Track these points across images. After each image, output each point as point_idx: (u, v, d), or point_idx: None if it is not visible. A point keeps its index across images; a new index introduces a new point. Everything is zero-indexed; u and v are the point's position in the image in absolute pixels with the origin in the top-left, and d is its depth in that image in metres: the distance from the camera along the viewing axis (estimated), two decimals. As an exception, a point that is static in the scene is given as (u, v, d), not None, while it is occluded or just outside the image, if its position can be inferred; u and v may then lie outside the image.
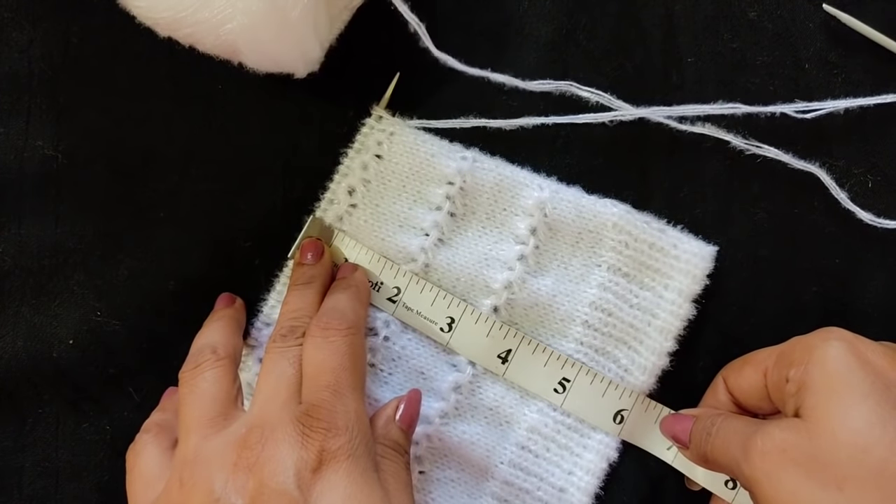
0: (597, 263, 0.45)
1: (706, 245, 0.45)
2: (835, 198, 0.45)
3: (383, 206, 0.46)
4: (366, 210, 0.46)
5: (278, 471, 0.35)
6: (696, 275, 0.45)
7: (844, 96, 0.46)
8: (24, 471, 0.46)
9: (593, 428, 0.44)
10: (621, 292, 0.45)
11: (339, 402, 0.37)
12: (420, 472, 0.44)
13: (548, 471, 0.45)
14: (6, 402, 0.46)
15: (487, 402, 0.45)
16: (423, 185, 0.46)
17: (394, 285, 0.45)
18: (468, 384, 0.45)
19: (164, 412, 0.43)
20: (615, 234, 0.45)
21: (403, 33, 0.46)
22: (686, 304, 0.45)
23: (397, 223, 0.46)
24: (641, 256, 0.45)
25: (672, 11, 0.47)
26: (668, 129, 0.46)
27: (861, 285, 0.46)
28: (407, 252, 0.45)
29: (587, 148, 0.47)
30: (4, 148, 0.47)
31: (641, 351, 0.45)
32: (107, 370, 0.46)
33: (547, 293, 0.45)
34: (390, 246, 0.45)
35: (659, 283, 0.45)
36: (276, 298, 0.46)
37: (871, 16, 0.47)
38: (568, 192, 0.46)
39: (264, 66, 0.44)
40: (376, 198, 0.46)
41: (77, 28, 0.48)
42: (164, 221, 0.47)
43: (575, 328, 0.45)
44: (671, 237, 0.45)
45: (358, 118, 0.47)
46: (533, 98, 0.47)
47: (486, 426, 0.45)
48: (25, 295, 0.47)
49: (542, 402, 0.45)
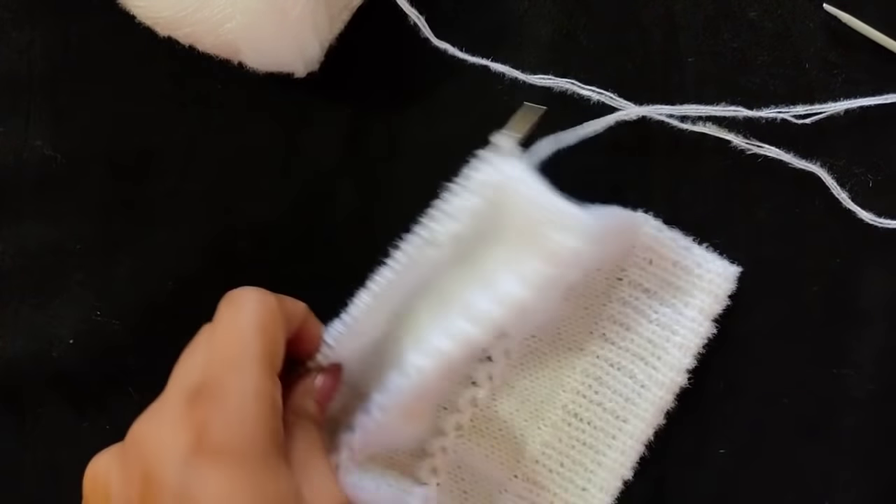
0: (618, 277, 0.45)
1: (730, 265, 0.45)
2: (836, 197, 0.45)
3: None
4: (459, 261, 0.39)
5: (158, 454, 0.32)
6: (718, 294, 0.44)
7: (845, 96, 0.46)
8: (24, 471, 0.46)
9: (609, 445, 0.44)
10: (641, 307, 0.45)
11: (235, 377, 0.33)
12: (437, 484, 0.44)
13: (561, 486, 0.44)
14: (6, 402, 0.46)
15: (502, 415, 0.45)
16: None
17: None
18: (484, 398, 0.45)
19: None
20: (641, 250, 0.45)
21: (404, 33, 0.46)
22: (706, 322, 0.44)
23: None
24: (664, 273, 0.45)
25: (672, 11, 0.47)
26: (669, 128, 0.46)
27: (861, 285, 0.46)
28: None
29: (587, 147, 0.46)
30: (4, 148, 0.47)
31: (659, 367, 0.44)
32: (107, 370, 0.46)
33: (568, 306, 0.45)
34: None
35: (680, 300, 0.45)
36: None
37: (871, 15, 0.46)
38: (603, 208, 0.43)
39: (264, 66, 0.44)
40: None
41: (77, 28, 0.48)
42: (164, 221, 0.47)
43: (593, 342, 0.45)
44: (696, 255, 0.45)
45: (358, 118, 0.47)
46: (533, 94, 0.47)
47: (500, 439, 0.45)
48: (25, 294, 0.47)
49: (557, 416, 0.45)
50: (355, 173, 0.47)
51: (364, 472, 0.40)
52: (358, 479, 0.38)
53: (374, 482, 0.40)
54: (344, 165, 0.47)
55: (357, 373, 0.40)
